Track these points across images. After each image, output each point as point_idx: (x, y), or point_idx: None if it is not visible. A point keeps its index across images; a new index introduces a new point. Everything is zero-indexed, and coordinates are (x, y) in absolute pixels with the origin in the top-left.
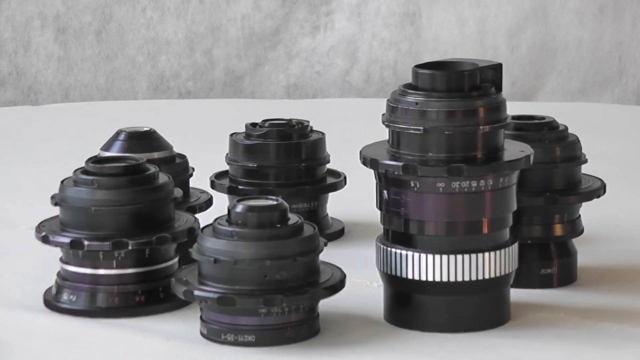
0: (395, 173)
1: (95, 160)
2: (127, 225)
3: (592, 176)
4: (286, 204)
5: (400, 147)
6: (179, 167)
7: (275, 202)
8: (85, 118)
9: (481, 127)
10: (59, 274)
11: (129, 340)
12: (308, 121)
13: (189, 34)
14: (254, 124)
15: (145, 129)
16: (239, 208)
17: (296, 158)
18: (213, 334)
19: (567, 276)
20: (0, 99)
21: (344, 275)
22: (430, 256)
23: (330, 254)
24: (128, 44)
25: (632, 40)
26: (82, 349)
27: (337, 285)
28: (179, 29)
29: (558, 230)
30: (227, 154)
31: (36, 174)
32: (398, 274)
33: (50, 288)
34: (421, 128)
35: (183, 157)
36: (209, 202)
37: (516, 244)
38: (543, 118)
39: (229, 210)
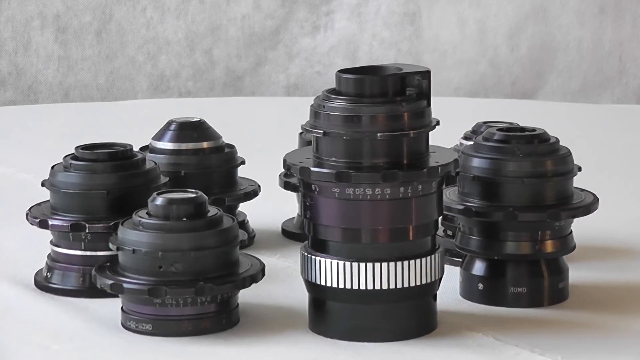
0: (296, 176)
1: (84, 146)
2: (101, 210)
3: (586, 191)
4: (204, 197)
5: (317, 151)
6: (227, 157)
7: (192, 195)
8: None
9: (379, 134)
10: (49, 255)
11: (53, 318)
12: None
13: (189, 34)
14: None
15: (195, 119)
16: (156, 200)
17: None
18: (123, 320)
19: (556, 295)
20: (0, 99)
21: (259, 271)
22: (329, 261)
23: None
24: (128, 44)
25: (632, 40)
26: (4, 320)
27: (239, 282)
28: (179, 29)
29: (549, 246)
30: None
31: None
32: (308, 278)
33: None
34: (321, 131)
35: (232, 147)
36: (254, 192)
37: (436, 254)
38: (534, 130)
39: (148, 202)
